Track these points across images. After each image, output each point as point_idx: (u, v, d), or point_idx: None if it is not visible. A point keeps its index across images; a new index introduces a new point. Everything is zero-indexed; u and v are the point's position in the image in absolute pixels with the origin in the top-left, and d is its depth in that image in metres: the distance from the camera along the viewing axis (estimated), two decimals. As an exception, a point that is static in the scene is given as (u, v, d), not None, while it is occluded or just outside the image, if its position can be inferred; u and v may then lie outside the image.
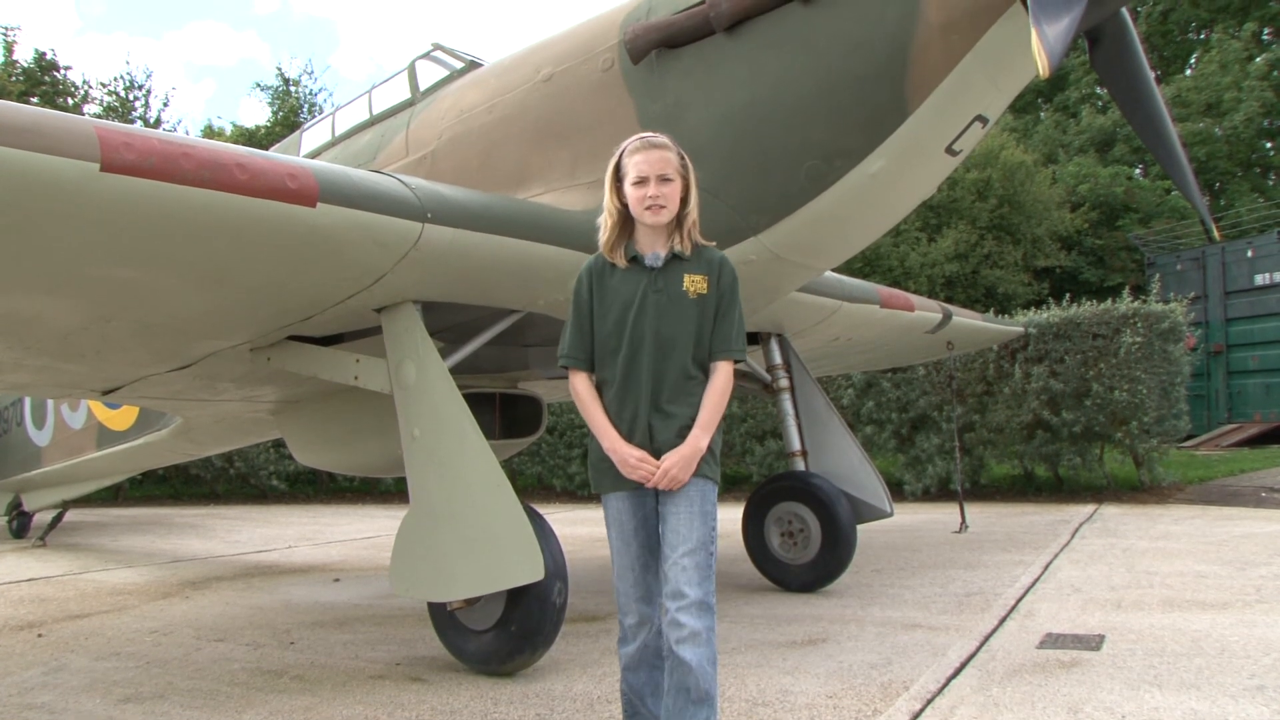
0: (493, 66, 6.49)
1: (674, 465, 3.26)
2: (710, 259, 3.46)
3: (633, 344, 3.34)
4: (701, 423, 3.32)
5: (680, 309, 3.36)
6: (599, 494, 3.45)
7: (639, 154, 3.39)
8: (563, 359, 3.49)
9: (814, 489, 7.19)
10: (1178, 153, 5.34)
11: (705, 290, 3.39)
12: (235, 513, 16.55)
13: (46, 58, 30.08)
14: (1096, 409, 12.81)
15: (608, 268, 3.46)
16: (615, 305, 3.40)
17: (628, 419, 3.34)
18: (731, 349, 3.40)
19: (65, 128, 3.51)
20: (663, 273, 3.39)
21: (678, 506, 3.31)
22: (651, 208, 3.34)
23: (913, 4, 4.74)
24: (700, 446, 3.30)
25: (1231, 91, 31.32)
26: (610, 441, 3.34)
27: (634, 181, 3.37)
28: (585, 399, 3.44)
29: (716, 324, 3.40)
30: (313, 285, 4.69)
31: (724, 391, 3.38)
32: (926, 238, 24.85)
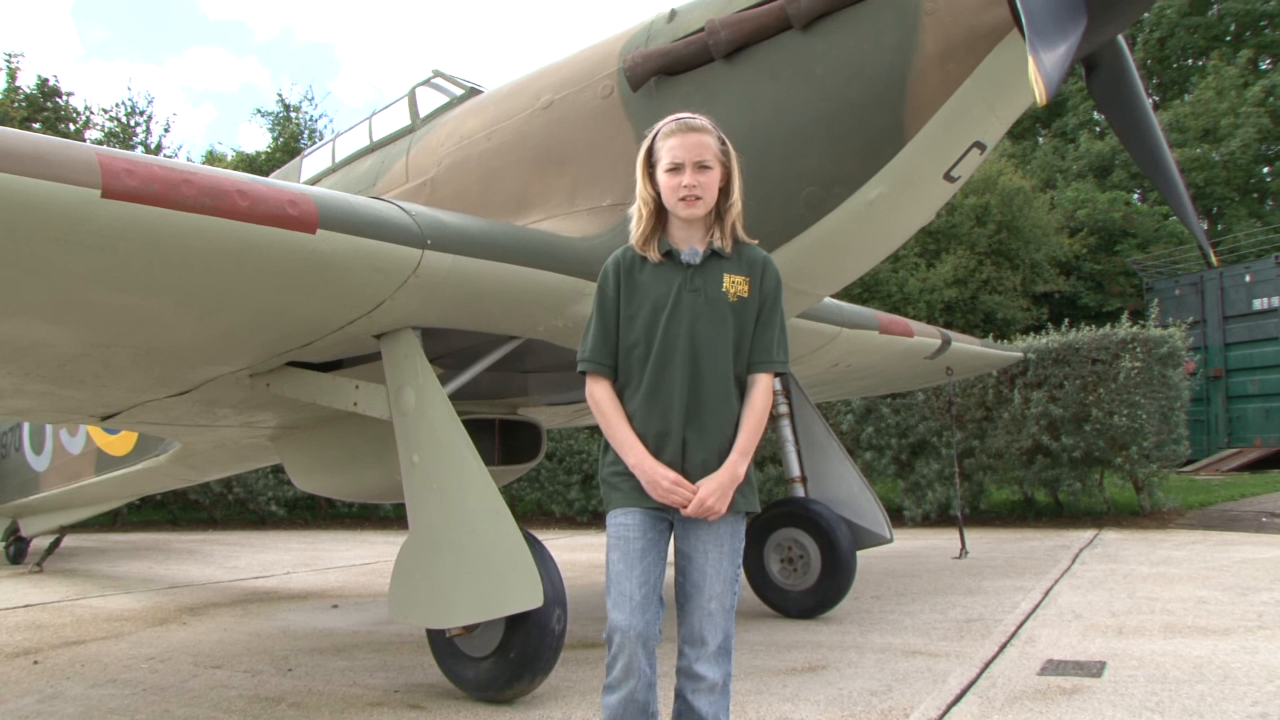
0: (492, 93, 6.52)
1: (711, 495, 2.91)
2: (753, 259, 3.15)
3: (664, 349, 3.02)
4: (740, 446, 3.00)
5: (718, 312, 3.04)
6: (606, 510, 3.11)
7: (673, 137, 3.07)
8: (583, 363, 3.14)
9: (814, 515, 7.18)
10: (1175, 179, 5.36)
11: (746, 293, 3.07)
12: (234, 538, 16.51)
13: (49, 84, 30.21)
14: (1096, 434, 12.80)
15: (638, 262, 3.13)
16: (645, 305, 3.07)
17: (656, 433, 3.00)
18: (773, 360, 3.09)
19: (67, 154, 3.52)
20: (700, 270, 3.07)
21: (705, 545, 3.00)
22: (686, 199, 3.03)
23: (910, 32, 4.76)
24: (739, 474, 2.98)
25: (1228, 117, 31.46)
26: (637, 457, 2.97)
27: (667, 168, 3.05)
28: (606, 409, 3.08)
29: (757, 331, 3.09)
30: (312, 311, 4.70)
31: (764, 410, 3.07)
32: (925, 263, 24.88)
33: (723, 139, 3.12)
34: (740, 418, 3.04)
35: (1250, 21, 35.67)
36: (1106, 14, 4.56)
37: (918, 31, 4.75)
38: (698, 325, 3.01)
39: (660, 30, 5.50)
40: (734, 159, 3.12)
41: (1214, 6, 36.76)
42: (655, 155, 3.11)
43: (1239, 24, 36.06)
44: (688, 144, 3.04)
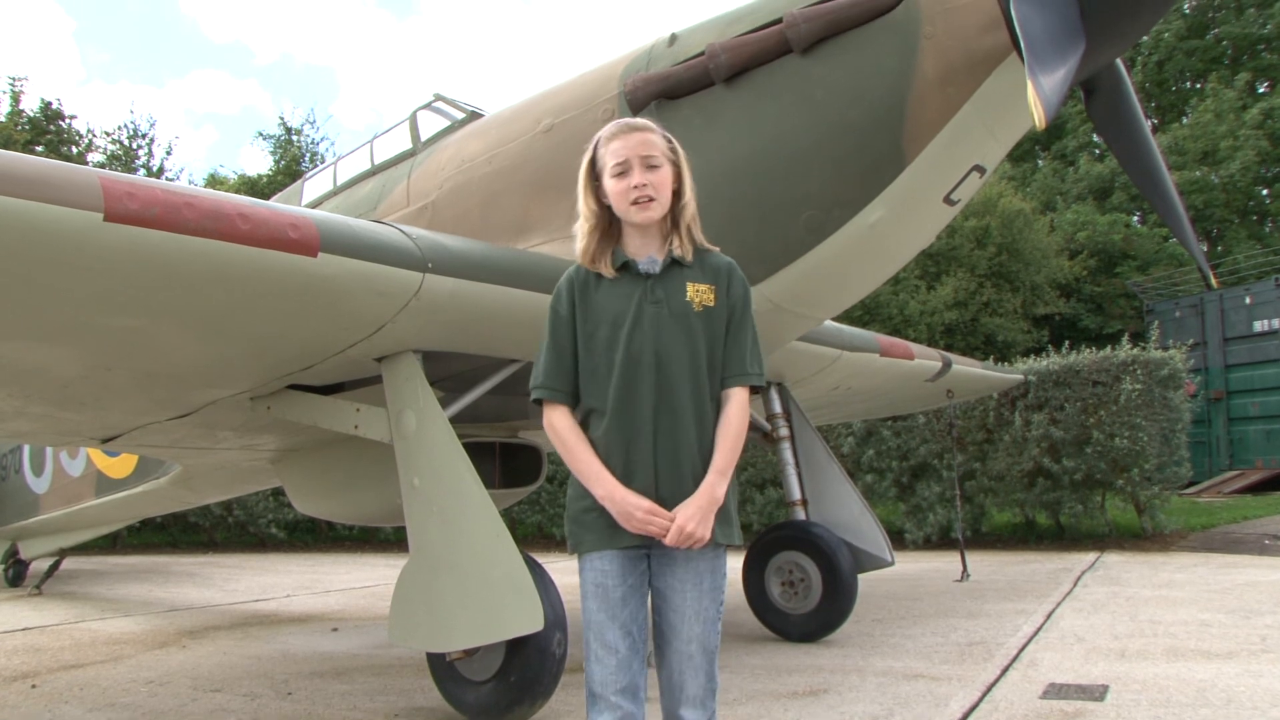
0: (494, 117, 6.55)
1: (690, 520, 2.66)
2: (716, 266, 2.91)
3: (628, 367, 2.77)
4: (717, 466, 2.75)
5: (684, 324, 2.80)
6: (577, 553, 2.84)
7: (616, 140, 2.85)
8: (536, 390, 2.88)
9: (815, 538, 7.17)
10: (1174, 201, 5.38)
11: (713, 302, 2.84)
12: (234, 561, 16.47)
13: (52, 107, 30.32)
14: (1097, 456, 12.79)
15: (592, 279, 2.89)
16: (604, 322, 2.83)
17: (623, 459, 2.75)
18: (748, 372, 2.85)
19: (70, 178, 3.53)
20: (661, 281, 2.83)
21: (683, 582, 2.75)
22: (639, 201, 2.79)
23: (910, 56, 4.79)
24: (717, 496, 2.72)
25: (1227, 140, 31.55)
26: (606, 488, 2.71)
27: (614, 173, 2.82)
28: (568, 437, 2.82)
29: (728, 343, 2.85)
30: (313, 334, 4.70)
31: (740, 426, 2.82)
32: (926, 286, 24.92)
33: (669, 138, 2.91)
34: (716, 435, 2.80)
35: (1247, 45, 35.85)
36: (1105, 38, 4.58)
37: (917, 55, 4.78)
38: (663, 339, 2.77)
39: (661, 54, 5.53)
40: (683, 157, 2.91)
41: (1212, 30, 36.95)
42: (599, 164, 2.89)
43: (1236, 47, 36.24)
44: (632, 143, 2.83)
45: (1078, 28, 4.41)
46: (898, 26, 4.84)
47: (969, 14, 4.71)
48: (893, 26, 4.85)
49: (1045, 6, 4.42)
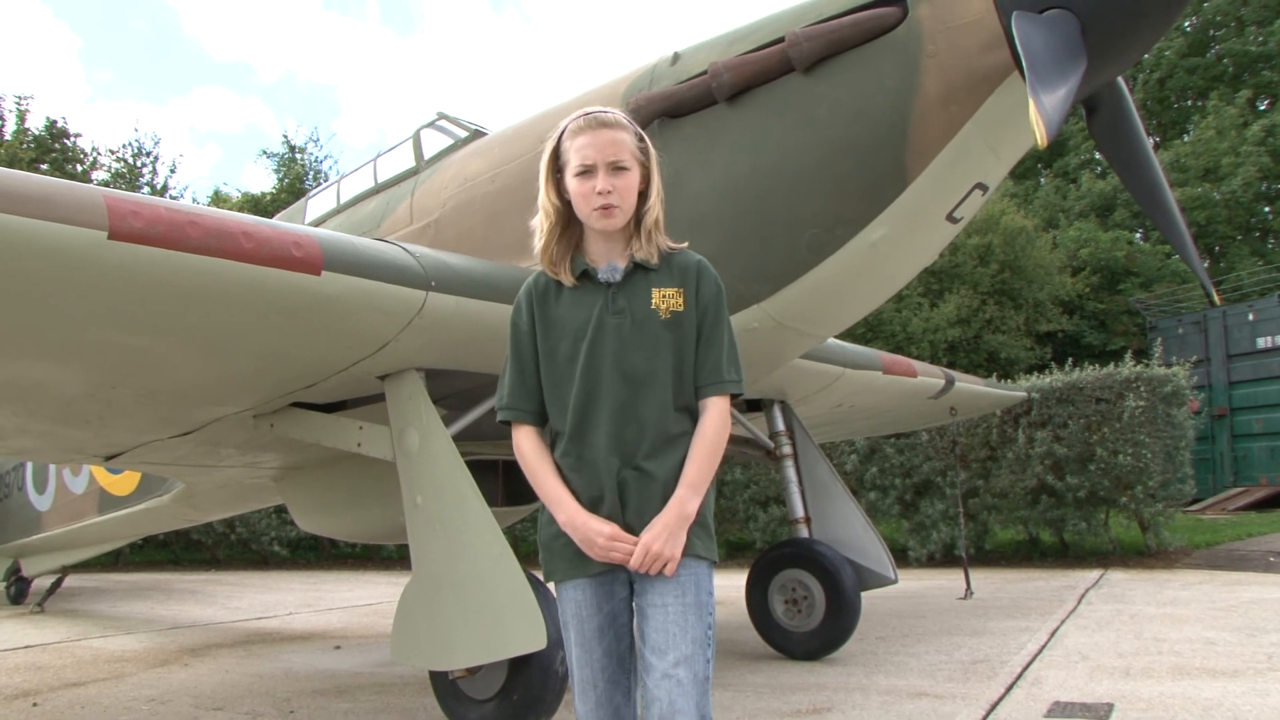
0: (496, 135, 6.57)
1: (657, 539, 2.49)
2: (684, 266, 2.70)
3: (588, 382, 2.59)
4: (688, 480, 2.55)
5: (650, 334, 2.61)
6: (552, 581, 2.69)
7: (582, 135, 2.64)
8: (502, 411, 2.74)
9: (818, 556, 7.16)
10: (1176, 218, 5.38)
11: (681, 307, 2.64)
12: (236, 578, 16.45)
13: (57, 125, 30.45)
14: (1101, 473, 12.77)
15: (552, 288, 2.72)
16: (564, 336, 2.65)
17: (587, 482, 2.59)
18: (723, 380, 2.64)
19: (74, 196, 3.54)
20: (623, 289, 2.65)
21: (664, 597, 2.53)
22: (603, 208, 2.61)
23: (912, 74, 4.80)
24: (687, 511, 2.53)
25: (1229, 157, 31.59)
26: (567, 513, 2.56)
27: (577, 172, 2.63)
28: (531, 460, 2.68)
29: (701, 349, 2.64)
30: (317, 352, 4.71)
31: (716, 438, 2.62)
32: (929, 303, 24.94)
33: (641, 135, 2.71)
34: (690, 448, 2.61)
35: (1248, 62, 35.93)
36: (1106, 56, 4.59)
37: (919, 74, 4.79)
38: (625, 353, 2.59)
39: (664, 73, 5.55)
40: (653, 157, 2.72)
41: (1212, 48, 37.06)
42: (562, 157, 2.68)
43: (1237, 65, 36.31)
44: (600, 142, 2.62)
45: (1079, 46, 4.41)
46: (900, 45, 4.84)
47: (971, 33, 4.72)
48: (894, 45, 4.86)
49: (1047, 25, 4.43)
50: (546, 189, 2.71)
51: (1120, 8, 4.49)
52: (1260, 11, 35.36)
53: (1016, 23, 4.44)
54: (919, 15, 4.82)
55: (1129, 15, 4.52)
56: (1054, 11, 4.49)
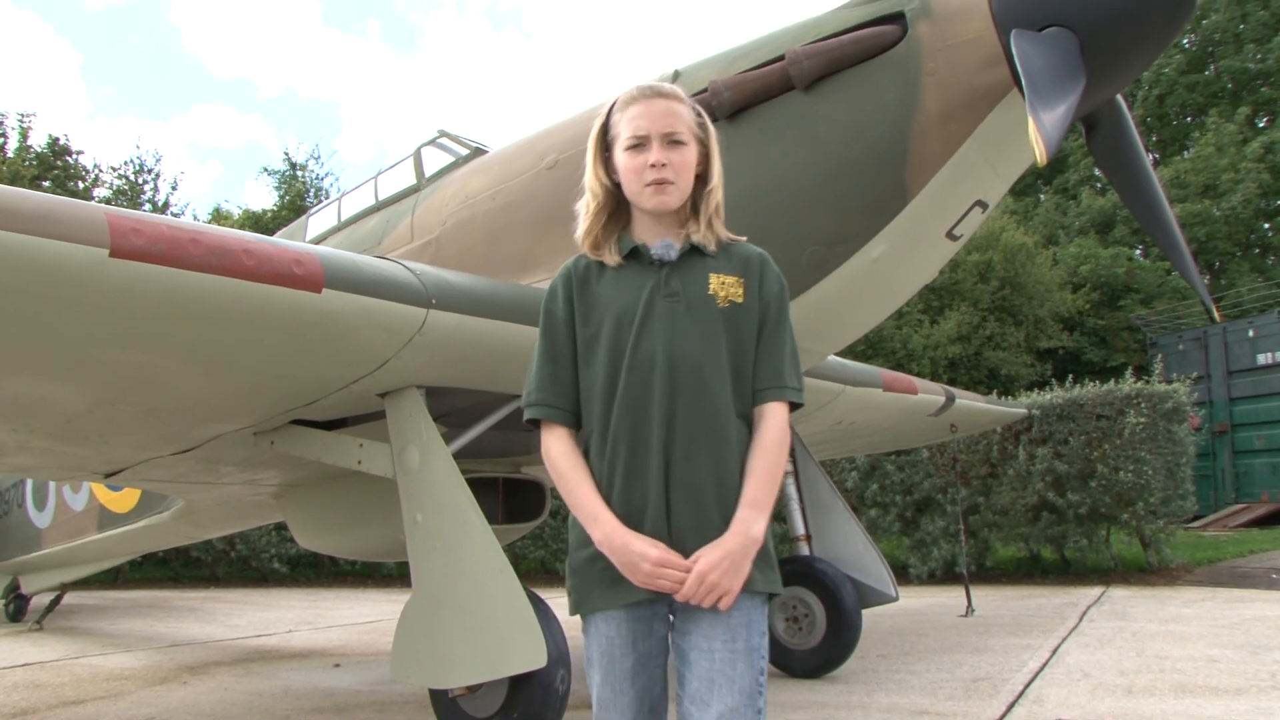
0: (498, 153, 6.59)
1: (715, 568, 2.13)
2: (746, 256, 2.43)
3: (635, 375, 2.27)
4: (751, 498, 2.22)
5: (706, 321, 2.31)
6: (580, 613, 2.35)
7: (635, 105, 2.40)
8: (530, 407, 2.42)
9: (818, 574, 7.14)
10: (1175, 235, 5.39)
11: (740, 298, 2.35)
12: (235, 596, 16.41)
13: (59, 142, 30.52)
14: (1102, 490, 12.75)
15: (594, 269, 2.43)
16: (607, 320, 2.34)
17: (627, 493, 2.24)
18: (785, 384, 2.35)
19: (75, 214, 3.55)
20: (678, 270, 2.36)
21: (711, 641, 2.19)
22: (655, 184, 2.35)
23: (911, 92, 4.82)
24: (754, 535, 2.19)
25: (1229, 173, 31.68)
26: (605, 530, 2.21)
27: (628, 145, 2.38)
28: (564, 467, 2.33)
29: (761, 349, 2.36)
30: (317, 370, 4.71)
31: (780, 449, 2.30)
32: (929, 320, 24.96)
33: (699, 110, 2.47)
34: (748, 461, 2.28)
35: (1247, 80, 36.06)
36: (1105, 74, 4.61)
37: (919, 92, 4.81)
38: (679, 340, 2.28)
39: (664, 91, 5.56)
40: (712, 135, 2.47)
41: (1211, 65, 37.19)
42: (612, 132, 2.45)
43: (1236, 82, 36.43)
44: (654, 112, 2.37)
45: (1078, 64, 4.43)
46: (899, 63, 4.86)
47: (970, 50, 4.74)
48: (894, 63, 4.88)
49: (1046, 43, 4.45)
50: (594, 167, 2.47)
51: (1119, 25, 4.51)
52: (1259, 29, 35.51)
53: (1016, 40, 4.46)
54: (918, 33, 4.84)
55: (1128, 33, 4.54)
56: (1053, 29, 4.51)
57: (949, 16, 4.81)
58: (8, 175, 26.74)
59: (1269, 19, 35.32)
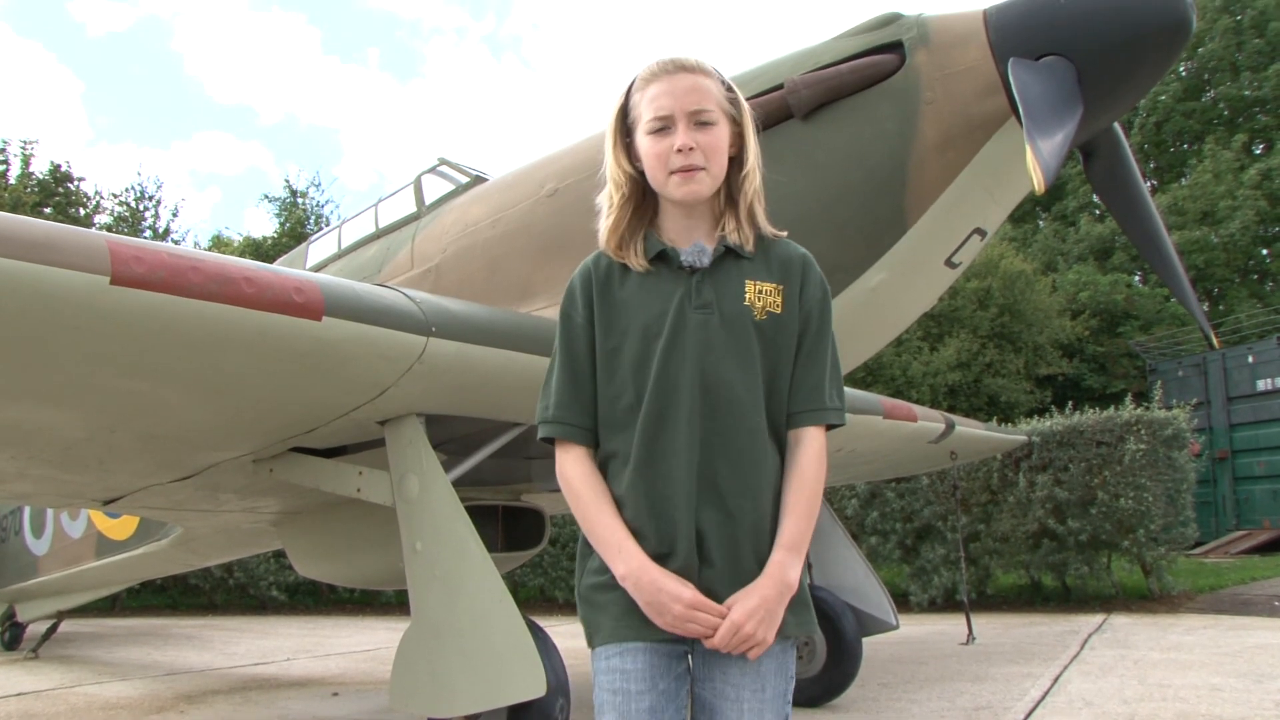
0: (497, 181, 6.61)
1: (751, 617, 1.95)
2: (787, 258, 2.21)
3: (662, 396, 2.06)
4: (788, 539, 2.04)
5: (740, 338, 2.09)
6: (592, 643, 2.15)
7: (656, 83, 2.14)
8: (545, 425, 2.18)
9: (818, 602, 7.06)
10: (1173, 262, 5.41)
11: (779, 308, 2.13)
12: (234, 624, 16.35)
13: (61, 169, 30.61)
14: (1102, 517, 12.72)
15: (617, 272, 2.19)
16: (631, 332, 2.12)
17: (655, 526, 2.03)
18: (826, 406, 2.14)
19: (76, 241, 3.56)
20: (711, 277, 2.13)
21: (738, 689, 2.03)
22: (683, 170, 2.10)
23: (910, 121, 4.84)
24: (789, 580, 2.01)
25: (1226, 200, 31.83)
26: (632, 565, 2.00)
27: (651, 128, 2.13)
28: (582, 491, 2.11)
29: (800, 366, 2.14)
30: (317, 398, 4.71)
31: (816, 482, 2.11)
32: (928, 347, 24.97)
33: (729, 84, 2.22)
34: (784, 495, 2.09)
35: (1243, 107, 36.29)
36: (1102, 102, 4.64)
37: (917, 120, 4.83)
38: (711, 358, 2.07)
39: (664, 119, 5.57)
40: (746, 112, 2.23)
41: (1208, 92, 37.40)
42: (632, 114, 2.19)
43: (1232, 109, 36.67)
44: (678, 89, 2.12)
45: (1075, 93, 4.47)
46: (898, 92, 4.89)
47: (968, 79, 4.77)
48: (893, 92, 4.90)
49: (1043, 72, 4.49)
50: (615, 155, 2.21)
51: (1116, 55, 4.54)
52: (1254, 57, 35.74)
53: (1013, 69, 4.49)
54: (917, 62, 4.87)
55: (1124, 62, 4.57)
56: (1050, 58, 4.55)
57: (947, 45, 4.84)
58: (9, 202, 26.81)
59: (1264, 47, 35.56)
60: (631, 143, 2.19)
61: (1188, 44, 4.75)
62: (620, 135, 2.21)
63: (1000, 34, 4.72)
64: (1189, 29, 4.61)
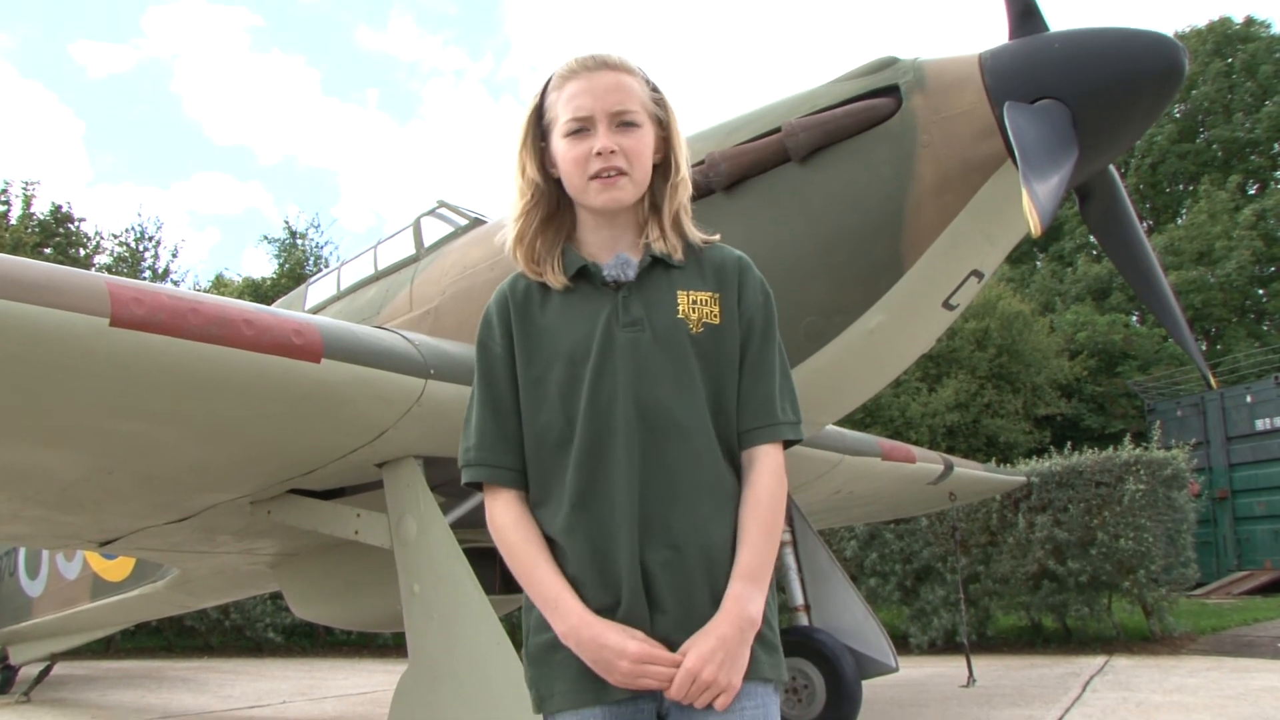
0: (496, 223, 6.63)
1: (708, 661, 1.75)
2: (720, 263, 2.02)
3: (594, 426, 1.87)
4: (745, 569, 1.84)
5: (677, 354, 1.90)
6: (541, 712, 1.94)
7: (574, 81, 1.96)
8: (468, 468, 2.03)
9: (818, 644, 7.08)
10: (1170, 302, 5.43)
11: (717, 318, 1.94)
12: (230, 666, 16.22)
13: (62, 210, 30.72)
14: (1102, 558, 12.66)
15: (536, 293, 2.01)
16: (556, 357, 1.93)
17: (597, 569, 1.85)
18: (777, 421, 1.94)
19: (77, 283, 3.59)
20: (639, 290, 1.95)
21: None
22: (602, 176, 1.92)
23: (907, 164, 4.88)
24: (749, 615, 1.81)
25: (1222, 240, 31.99)
26: (570, 621, 1.82)
27: (567, 130, 1.95)
28: (514, 540, 1.92)
29: (745, 380, 1.94)
30: (315, 439, 4.71)
31: (774, 503, 1.90)
32: (927, 388, 24.97)
33: (653, 83, 2.03)
34: (739, 522, 1.89)
35: (1237, 149, 36.63)
36: (1097, 145, 4.68)
37: (914, 163, 4.86)
38: (645, 380, 1.88)
39: (660, 163, 5.60)
40: (672, 112, 2.04)
41: (1202, 134, 37.71)
42: (548, 115, 2.00)
43: (1226, 150, 36.99)
44: (599, 87, 1.93)
45: (1070, 136, 4.50)
46: (894, 135, 4.93)
47: (964, 123, 4.81)
48: (889, 135, 4.94)
49: (1039, 115, 4.53)
50: (524, 159, 2.02)
51: (1110, 98, 4.58)
52: (1246, 99, 36.13)
53: (1009, 113, 4.53)
54: (913, 106, 4.91)
55: (1119, 106, 4.61)
56: (1045, 102, 4.59)
57: (943, 89, 4.88)
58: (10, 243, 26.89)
59: (1256, 90, 35.99)
60: (547, 147, 2.01)
61: (1180, 88, 4.80)
62: (533, 139, 2.02)
63: (995, 78, 4.76)
64: (1181, 74, 4.65)
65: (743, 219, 5.21)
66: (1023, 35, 4.87)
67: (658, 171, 2.03)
